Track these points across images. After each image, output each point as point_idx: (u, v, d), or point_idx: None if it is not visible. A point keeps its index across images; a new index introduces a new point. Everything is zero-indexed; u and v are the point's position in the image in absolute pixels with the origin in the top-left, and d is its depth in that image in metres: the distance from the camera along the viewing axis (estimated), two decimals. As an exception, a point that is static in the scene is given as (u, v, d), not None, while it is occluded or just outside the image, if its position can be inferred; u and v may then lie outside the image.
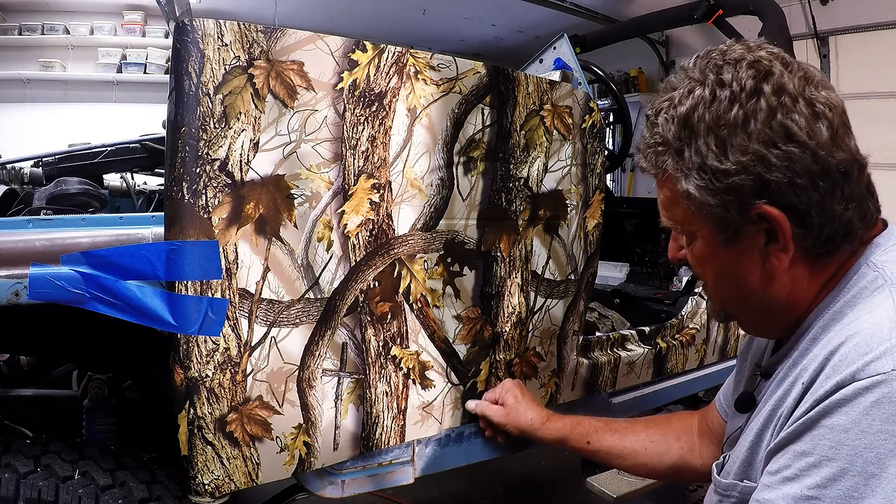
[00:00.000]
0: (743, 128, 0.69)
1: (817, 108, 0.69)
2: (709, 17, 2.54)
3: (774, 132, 0.68)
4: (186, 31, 1.04)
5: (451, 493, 2.92)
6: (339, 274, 1.24)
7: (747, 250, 0.75)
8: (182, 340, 1.08)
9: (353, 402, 1.30)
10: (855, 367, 0.65)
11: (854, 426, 0.63)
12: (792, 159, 0.68)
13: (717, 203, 0.72)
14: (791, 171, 0.68)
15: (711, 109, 0.71)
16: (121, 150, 1.92)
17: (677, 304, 2.24)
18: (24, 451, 1.19)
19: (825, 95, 0.71)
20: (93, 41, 4.59)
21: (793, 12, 3.28)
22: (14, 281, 1.00)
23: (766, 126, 0.68)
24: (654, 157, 0.78)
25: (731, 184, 0.70)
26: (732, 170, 0.70)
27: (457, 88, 1.37)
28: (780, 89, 0.69)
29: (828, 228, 0.71)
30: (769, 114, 0.69)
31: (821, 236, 0.72)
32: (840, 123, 0.71)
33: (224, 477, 1.14)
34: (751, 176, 0.69)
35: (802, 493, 0.65)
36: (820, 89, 0.71)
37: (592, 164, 1.71)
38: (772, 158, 0.68)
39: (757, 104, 0.69)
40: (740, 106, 0.69)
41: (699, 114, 0.72)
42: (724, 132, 0.70)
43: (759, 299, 0.79)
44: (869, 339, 0.66)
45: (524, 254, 1.56)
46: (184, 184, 1.05)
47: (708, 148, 0.71)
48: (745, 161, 0.69)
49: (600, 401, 1.91)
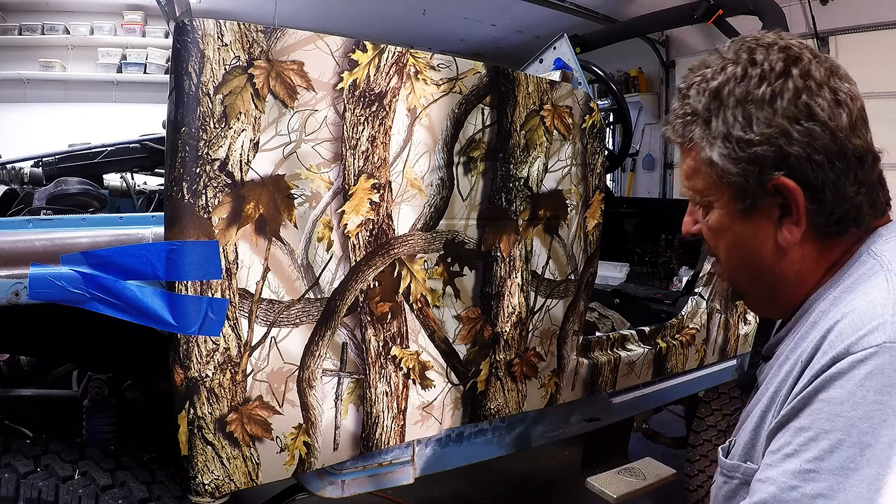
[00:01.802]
0: (769, 104, 0.73)
1: (840, 96, 0.74)
2: (709, 17, 2.54)
3: (798, 110, 0.73)
4: (186, 31, 1.04)
5: (451, 493, 2.92)
6: (339, 274, 1.24)
7: (762, 222, 0.78)
8: (182, 340, 1.08)
9: (353, 402, 1.30)
10: (849, 341, 0.67)
11: (849, 398, 0.65)
12: (812, 136, 0.72)
13: (738, 172, 0.76)
14: (810, 147, 0.72)
15: (741, 85, 0.75)
16: (121, 150, 1.92)
17: (677, 304, 2.24)
18: (24, 451, 1.19)
19: (848, 87, 0.75)
20: (93, 41, 4.59)
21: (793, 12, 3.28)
22: (14, 281, 1.00)
23: (792, 104, 0.73)
24: (682, 127, 0.82)
25: (753, 154, 0.74)
26: (756, 140, 0.74)
27: (457, 88, 1.37)
28: (806, 74, 0.74)
29: (839, 208, 0.75)
30: (795, 93, 0.73)
31: (832, 215, 0.75)
32: (859, 115, 0.75)
33: (224, 477, 1.14)
34: (772, 148, 0.73)
35: (801, 468, 0.67)
36: (843, 81, 0.75)
37: (592, 164, 1.71)
38: (794, 133, 0.72)
39: (784, 84, 0.74)
40: (769, 84, 0.74)
41: (730, 88, 0.76)
42: (752, 106, 0.74)
43: (768, 275, 0.81)
44: (862, 315, 0.69)
45: (524, 254, 1.56)
46: (184, 184, 1.05)
47: (735, 119, 0.75)
48: (769, 133, 0.73)
49: (600, 401, 1.91)
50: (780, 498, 0.68)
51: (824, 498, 0.65)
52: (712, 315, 2.23)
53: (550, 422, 1.79)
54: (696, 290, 2.23)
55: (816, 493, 0.66)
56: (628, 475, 2.11)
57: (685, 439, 2.66)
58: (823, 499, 0.65)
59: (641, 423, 2.83)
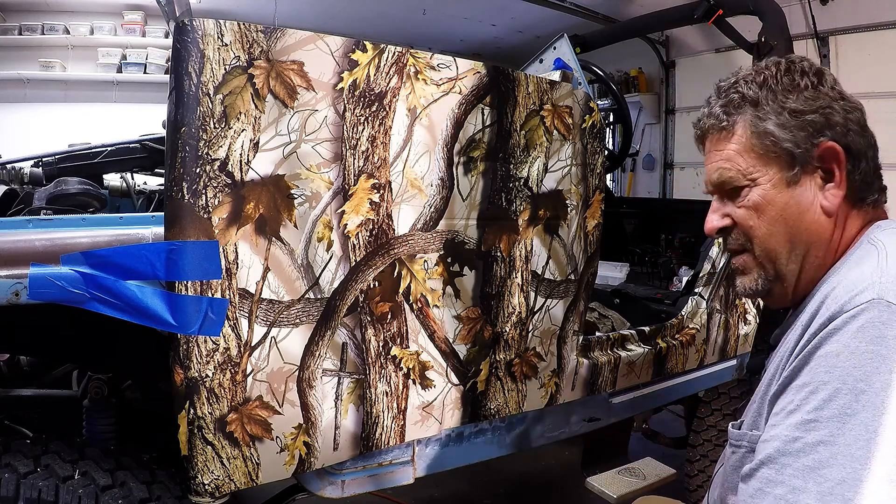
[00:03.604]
0: (814, 88, 0.88)
1: (853, 101, 0.90)
2: (709, 17, 2.54)
3: (836, 93, 0.88)
4: (186, 31, 1.04)
5: (451, 493, 2.92)
6: (339, 274, 1.24)
7: (807, 190, 0.88)
8: (182, 340, 1.08)
9: (353, 402, 1.30)
10: (842, 301, 0.75)
11: (844, 349, 0.72)
12: (849, 111, 0.87)
13: (790, 138, 0.87)
14: (849, 119, 0.86)
15: (786, 77, 0.89)
16: (121, 150, 1.92)
17: (677, 304, 2.24)
18: (24, 451, 1.19)
19: (855, 103, 0.90)
20: (93, 41, 4.58)
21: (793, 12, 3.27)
22: (14, 281, 1.00)
23: (831, 88, 0.88)
24: (726, 114, 0.92)
25: (804, 120, 0.86)
26: (806, 109, 0.86)
27: (457, 88, 1.37)
28: (834, 80, 0.90)
29: (868, 175, 0.88)
30: (833, 82, 0.89)
31: (864, 182, 0.88)
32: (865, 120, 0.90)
33: (224, 477, 1.14)
34: (821, 116, 0.86)
35: (802, 419, 0.73)
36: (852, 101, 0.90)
37: (592, 164, 1.71)
38: (836, 106, 0.86)
39: (822, 77, 0.88)
40: (807, 78, 0.88)
41: (776, 79, 0.90)
42: (798, 90, 0.88)
43: (809, 244, 0.89)
44: (854, 281, 0.77)
45: (524, 254, 1.56)
46: (184, 184, 1.05)
47: (786, 96, 0.88)
48: (817, 105, 0.87)
49: (600, 401, 1.91)
50: (783, 451, 0.73)
51: (825, 444, 0.70)
52: (712, 315, 2.23)
53: (550, 422, 1.79)
54: (696, 290, 2.23)
55: (818, 440, 0.70)
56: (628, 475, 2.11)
57: (685, 439, 2.66)
58: (824, 445, 0.70)
59: (641, 423, 2.83)
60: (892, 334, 0.70)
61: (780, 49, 2.23)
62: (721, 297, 2.27)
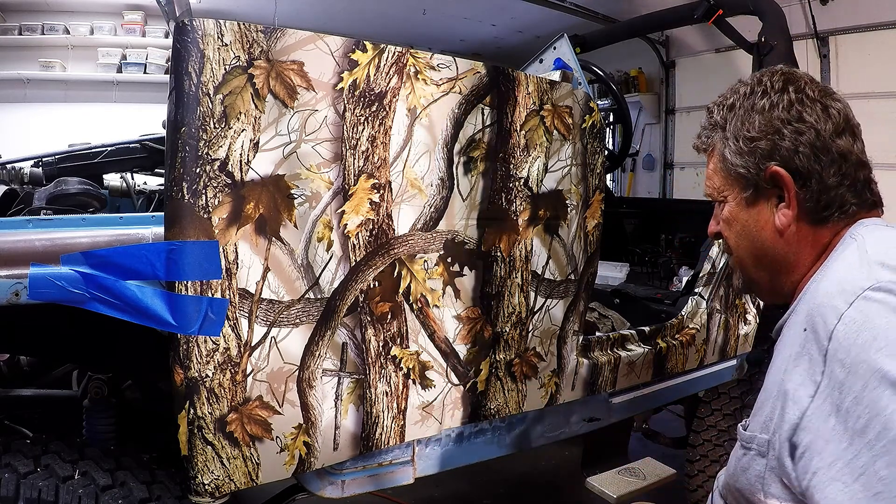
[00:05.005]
0: (769, 111, 0.92)
1: (830, 111, 0.90)
2: (709, 17, 2.53)
3: (790, 115, 0.90)
4: (186, 31, 1.04)
5: (451, 493, 2.92)
6: (339, 274, 1.24)
7: (763, 209, 0.95)
8: (182, 340, 1.08)
9: (353, 402, 1.30)
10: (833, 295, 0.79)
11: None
12: (800, 133, 0.89)
13: (743, 164, 0.94)
14: (797, 142, 0.89)
15: (749, 99, 0.95)
16: (121, 150, 1.92)
17: (677, 304, 2.24)
18: (24, 451, 1.19)
19: (840, 105, 0.91)
20: (93, 41, 4.59)
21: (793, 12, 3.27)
22: (14, 281, 1.00)
23: (786, 111, 0.91)
24: (706, 137, 1.01)
25: (753, 147, 0.92)
26: (756, 136, 0.92)
27: (457, 88, 1.37)
28: (800, 90, 0.92)
29: (824, 196, 0.90)
30: (789, 104, 0.91)
31: (819, 202, 0.90)
32: (846, 127, 0.90)
33: (224, 477, 1.14)
34: (768, 142, 0.91)
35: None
36: (836, 101, 0.92)
37: (592, 164, 1.71)
38: (785, 131, 0.90)
39: (781, 97, 0.92)
40: (769, 97, 0.93)
41: (740, 102, 0.96)
42: (755, 113, 0.93)
43: (769, 258, 0.96)
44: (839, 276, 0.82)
45: (524, 254, 1.56)
46: (184, 184, 1.05)
47: (742, 123, 0.94)
48: (766, 131, 0.91)
49: (600, 401, 1.91)
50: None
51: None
52: (712, 315, 2.23)
53: (550, 422, 1.79)
54: (696, 290, 2.23)
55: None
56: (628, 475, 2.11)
57: (685, 439, 2.66)
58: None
59: (641, 423, 2.83)
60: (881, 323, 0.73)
61: (780, 49, 2.23)
62: (721, 297, 2.27)
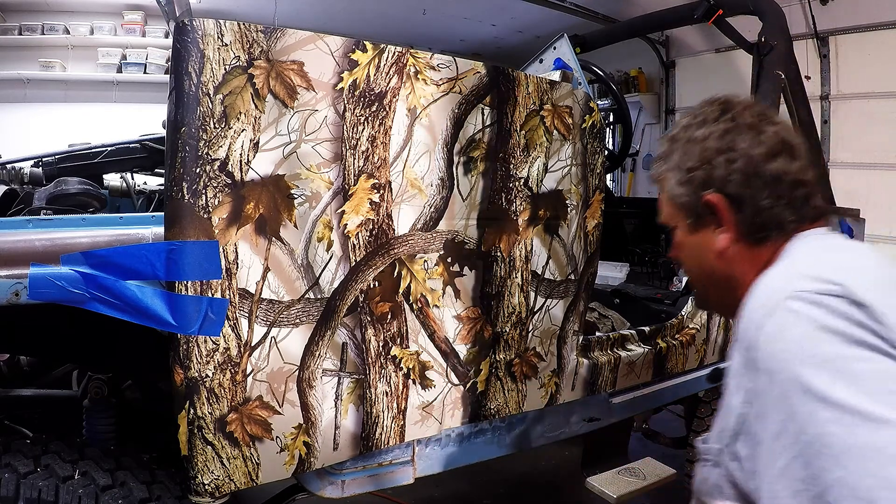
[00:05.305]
0: (703, 141, 0.98)
1: (762, 136, 0.95)
2: (709, 17, 2.54)
3: (723, 144, 0.96)
4: (186, 31, 1.04)
5: (451, 493, 2.92)
6: (339, 274, 1.24)
7: (705, 234, 1.01)
8: (182, 340, 1.08)
9: (353, 402, 1.30)
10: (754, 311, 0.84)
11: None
12: (731, 161, 0.95)
13: (684, 192, 1.00)
14: (730, 169, 0.95)
15: (688, 130, 1.01)
16: (121, 150, 1.92)
17: (677, 304, 2.24)
18: (24, 451, 1.19)
19: (773, 130, 0.96)
20: (93, 41, 4.58)
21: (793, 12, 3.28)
22: (14, 281, 1.00)
23: (719, 140, 0.97)
24: (657, 167, 1.07)
25: (691, 177, 0.99)
26: (693, 166, 0.98)
27: (457, 88, 1.37)
28: (733, 119, 0.97)
29: (759, 217, 0.95)
30: (722, 133, 0.97)
31: (753, 223, 0.95)
32: (781, 149, 0.95)
33: (224, 477, 1.14)
34: (704, 171, 0.97)
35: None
36: (771, 126, 0.97)
37: (592, 164, 1.71)
38: (718, 160, 0.96)
39: (715, 126, 0.98)
40: (706, 127, 0.98)
41: (680, 134, 1.02)
42: (692, 143, 0.99)
43: (715, 278, 1.02)
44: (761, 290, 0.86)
45: (524, 254, 1.56)
46: (184, 184, 1.05)
47: (682, 154, 1.00)
48: (701, 160, 0.97)
49: (600, 401, 1.91)
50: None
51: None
52: (712, 315, 2.23)
53: (550, 422, 1.79)
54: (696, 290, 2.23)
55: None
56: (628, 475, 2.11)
57: (685, 439, 2.66)
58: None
59: (641, 423, 2.83)
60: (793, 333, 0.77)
61: (780, 49, 2.23)
62: (721, 297, 2.27)
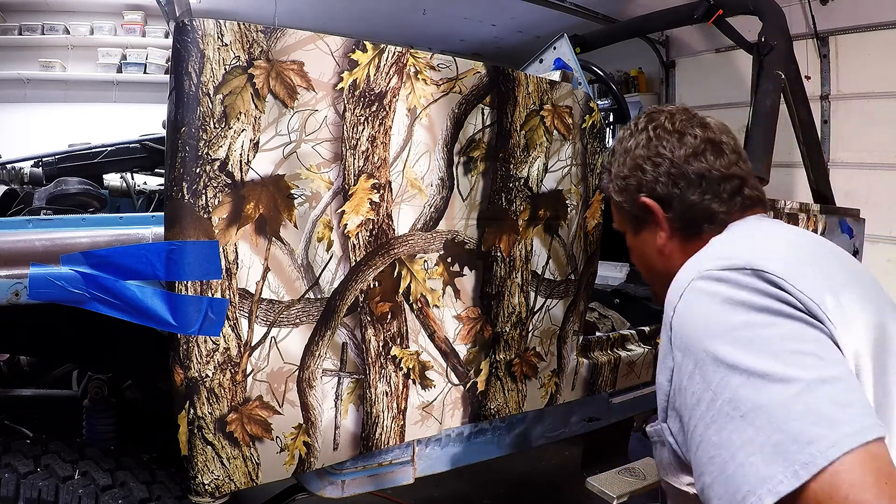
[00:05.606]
0: (633, 150, 1.07)
1: (685, 138, 1.03)
2: (709, 17, 2.53)
3: (649, 151, 1.05)
4: (186, 31, 1.04)
5: (451, 493, 2.92)
6: (339, 274, 1.24)
7: (646, 235, 1.09)
8: (182, 340, 1.08)
9: (353, 402, 1.30)
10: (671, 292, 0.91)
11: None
12: (657, 165, 1.03)
13: (623, 199, 1.09)
14: (656, 174, 1.03)
15: (622, 143, 1.10)
16: (121, 150, 1.92)
17: (677, 304, 2.23)
18: (24, 451, 1.19)
19: (699, 132, 1.03)
20: (93, 41, 4.58)
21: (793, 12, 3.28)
22: (14, 281, 1.00)
23: (645, 148, 1.05)
24: (605, 179, 1.16)
25: (626, 184, 1.08)
26: (626, 174, 1.07)
27: (457, 88, 1.37)
28: (658, 127, 1.06)
29: (689, 214, 1.02)
30: (648, 141, 1.05)
31: (684, 219, 1.02)
32: (706, 148, 1.02)
33: (224, 477, 1.14)
34: (634, 178, 1.06)
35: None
36: (696, 128, 1.04)
37: (592, 164, 1.71)
38: (646, 166, 1.04)
39: (641, 135, 1.07)
40: (634, 138, 1.08)
41: (616, 147, 1.12)
42: (625, 153, 1.08)
43: (659, 274, 1.08)
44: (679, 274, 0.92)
45: (524, 254, 1.56)
46: (184, 184, 1.05)
47: (619, 165, 1.09)
48: (632, 168, 1.06)
49: (600, 401, 1.92)
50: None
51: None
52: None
53: (550, 422, 1.79)
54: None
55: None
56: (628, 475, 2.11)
57: (685, 439, 2.66)
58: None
59: (641, 423, 2.83)
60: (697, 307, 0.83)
61: (780, 49, 2.23)
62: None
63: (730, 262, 0.82)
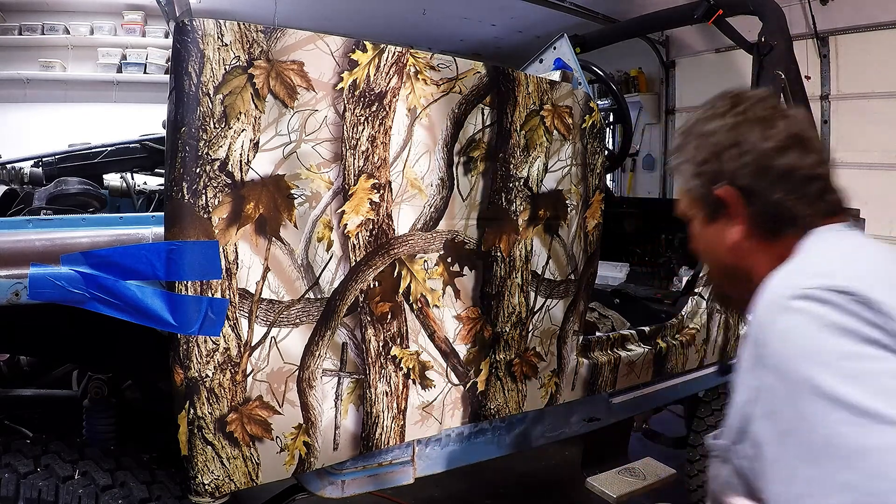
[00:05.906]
0: (714, 135, 0.99)
1: (769, 131, 0.96)
2: (709, 17, 2.53)
3: (733, 138, 0.97)
4: (186, 31, 1.04)
5: (451, 493, 2.92)
6: (339, 274, 1.24)
7: (718, 226, 1.01)
8: (182, 340, 1.08)
9: (353, 402, 1.30)
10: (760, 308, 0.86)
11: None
12: (741, 157, 0.96)
13: (697, 184, 1.01)
14: (743, 163, 0.95)
15: (699, 124, 1.02)
16: (121, 150, 1.92)
17: (677, 304, 2.24)
18: (24, 451, 1.19)
19: (784, 124, 0.96)
20: (93, 41, 4.58)
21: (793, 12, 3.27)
22: (14, 281, 1.00)
23: (729, 134, 0.97)
24: (674, 159, 1.08)
25: (703, 170, 1.00)
26: (705, 159, 0.99)
27: (457, 88, 1.37)
28: (742, 113, 0.98)
29: (771, 212, 0.95)
30: (732, 127, 0.97)
31: (765, 218, 0.95)
32: (793, 143, 0.95)
33: (224, 477, 1.14)
34: (713, 166, 0.98)
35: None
36: (781, 120, 0.97)
37: (592, 164, 1.71)
38: (728, 153, 0.96)
39: (723, 121, 0.98)
40: (715, 122, 0.99)
41: (693, 128, 1.03)
42: (703, 137, 1.00)
43: (729, 270, 1.02)
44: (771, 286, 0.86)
45: (524, 254, 1.56)
46: (184, 184, 1.05)
47: (695, 148, 1.01)
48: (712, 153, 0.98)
49: (600, 401, 1.91)
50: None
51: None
52: (712, 315, 2.23)
53: (550, 422, 1.79)
54: (696, 290, 2.23)
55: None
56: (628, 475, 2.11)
57: (685, 439, 2.66)
58: None
59: (641, 423, 2.83)
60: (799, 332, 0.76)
61: (780, 49, 2.23)
62: (721, 297, 2.27)
63: (832, 282, 0.76)
